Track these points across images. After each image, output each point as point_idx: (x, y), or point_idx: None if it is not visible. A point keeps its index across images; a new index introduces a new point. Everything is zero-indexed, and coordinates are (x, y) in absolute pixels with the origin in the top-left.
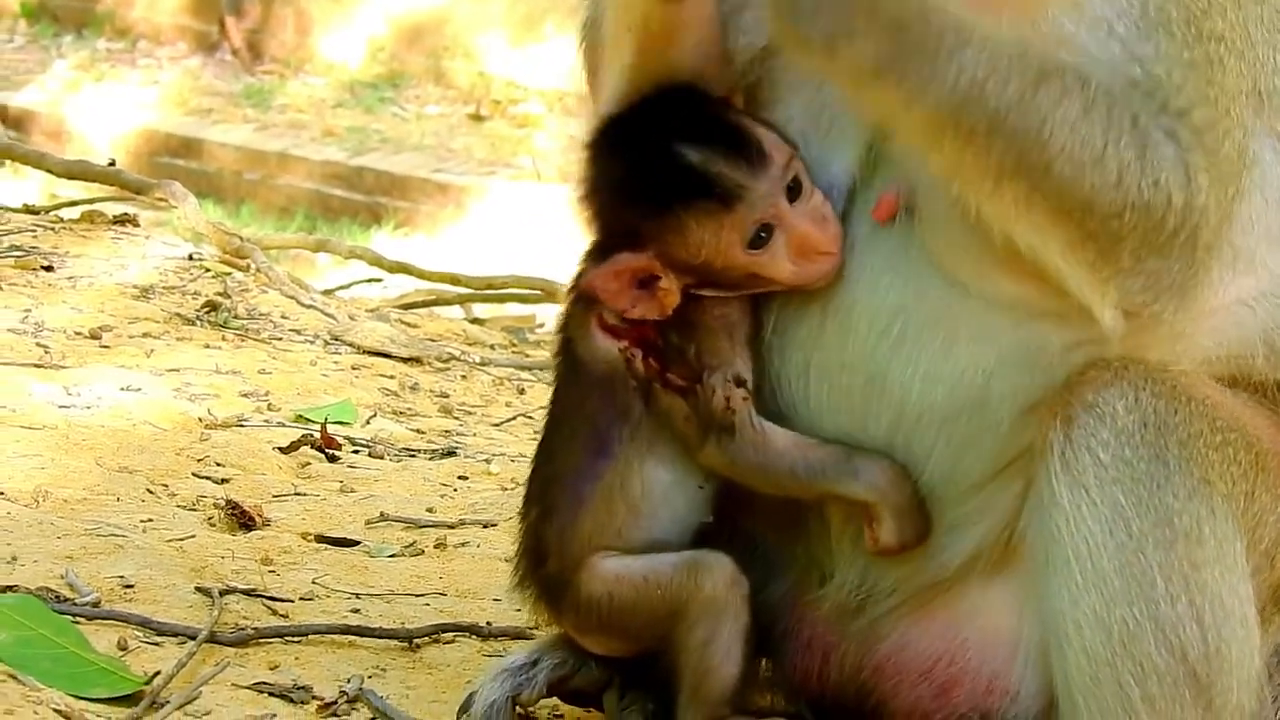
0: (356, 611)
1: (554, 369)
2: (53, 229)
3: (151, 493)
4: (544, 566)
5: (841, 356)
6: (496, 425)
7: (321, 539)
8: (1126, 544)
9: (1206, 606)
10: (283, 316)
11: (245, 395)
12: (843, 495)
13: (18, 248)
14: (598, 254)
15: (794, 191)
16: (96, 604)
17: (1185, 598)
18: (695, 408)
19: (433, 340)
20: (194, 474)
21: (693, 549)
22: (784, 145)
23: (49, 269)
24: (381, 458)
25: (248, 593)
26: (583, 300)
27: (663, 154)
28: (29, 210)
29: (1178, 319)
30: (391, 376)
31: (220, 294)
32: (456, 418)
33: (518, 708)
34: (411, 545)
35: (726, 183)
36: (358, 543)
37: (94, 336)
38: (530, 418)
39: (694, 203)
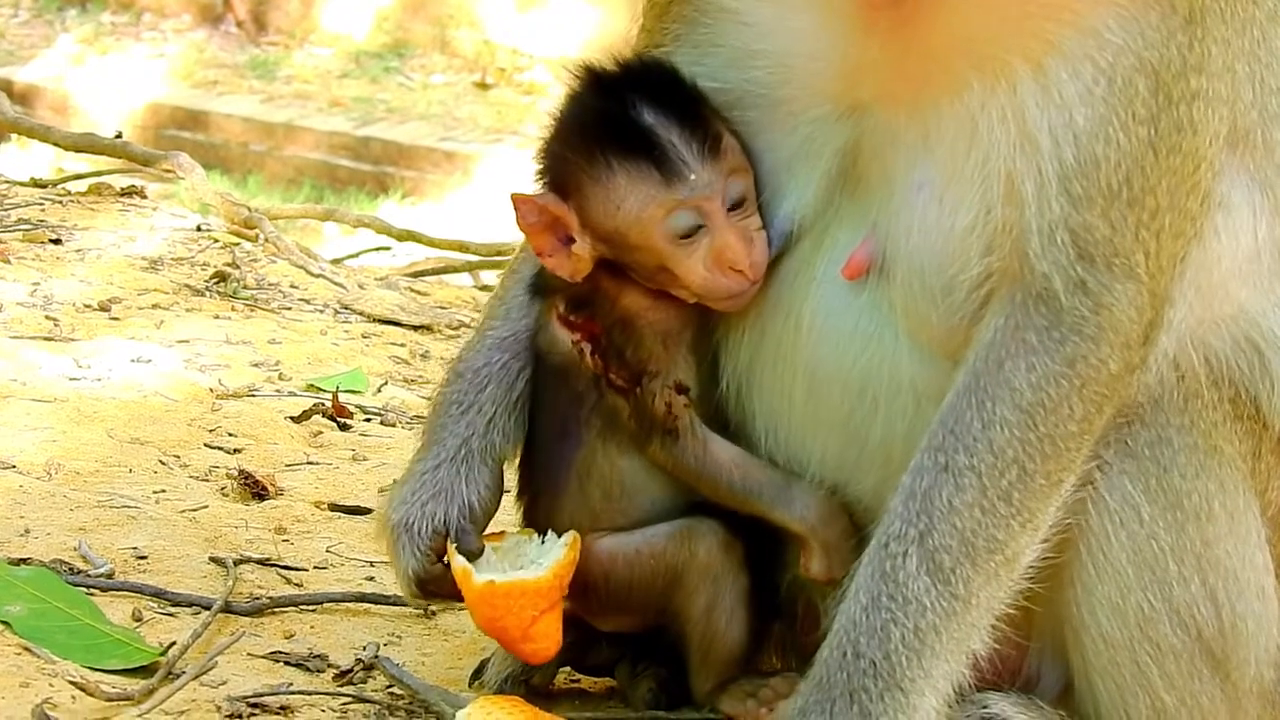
0: (371, 579)
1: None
2: (60, 202)
3: (164, 464)
4: None
5: (817, 415)
6: None
7: (335, 507)
8: (1137, 533)
9: (1220, 584)
10: (292, 286)
11: (256, 365)
12: (775, 521)
13: (25, 221)
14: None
15: (735, 205)
16: (110, 575)
17: (1198, 578)
18: (635, 409)
19: (443, 307)
20: (206, 444)
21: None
22: (742, 157)
23: (57, 242)
24: (393, 425)
25: (262, 562)
26: (541, 293)
27: (619, 106)
28: (36, 184)
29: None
30: (402, 344)
31: (229, 264)
32: None
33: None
34: None
35: (672, 154)
36: (371, 510)
37: (103, 309)
38: None
39: (632, 159)
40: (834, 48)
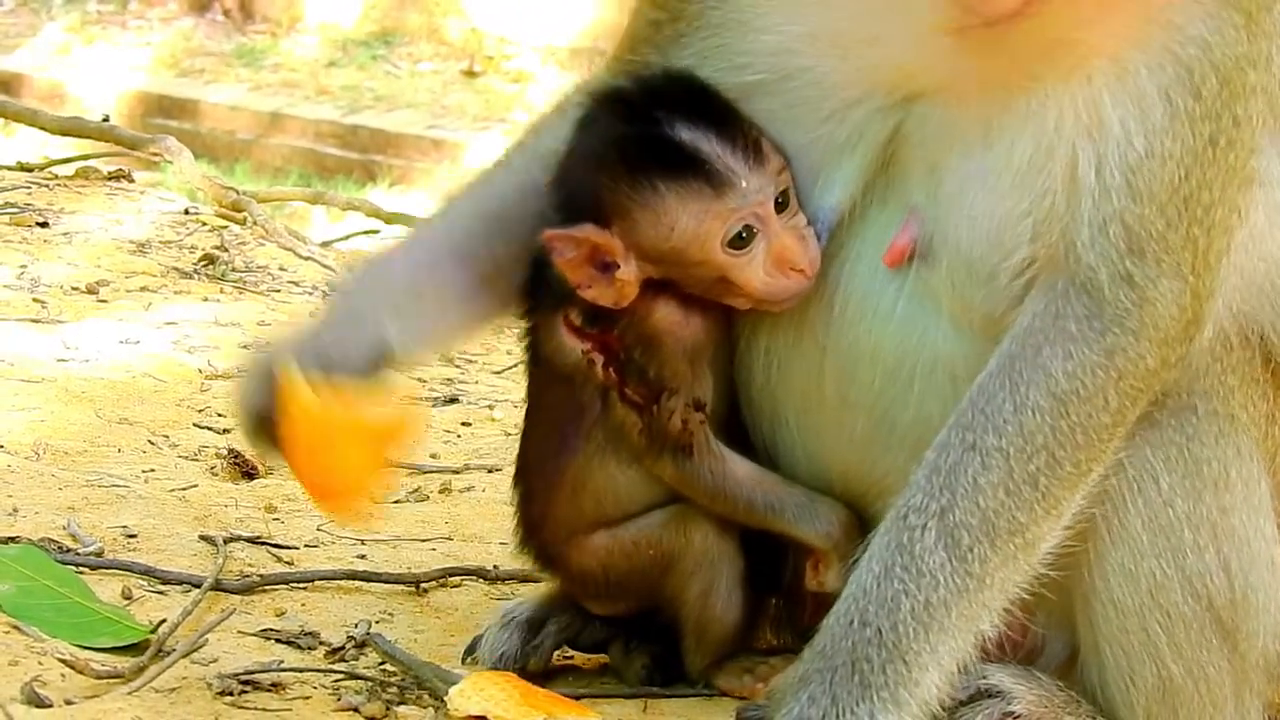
0: (362, 557)
1: (523, 358)
2: (47, 186)
3: (152, 443)
4: (535, 539)
5: (845, 397)
6: (498, 373)
7: None
8: (1154, 500)
9: (1233, 554)
10: (280, 268)
11: (245, 347)
12: (795, 536)
13: (13, 204)
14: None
15: (781, 204)
16: (100, 554)
17: (1213, 547)
18: (649, 425)
19: None
20: (195, 424)
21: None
22: (778, 154)
23: (44, 225)
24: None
25: (252, 540)
26: (551, 297)
27: (653, 127)
28: (23, 168)
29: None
30: None
31: (217, 247)
32: (458, 365)
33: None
34: (416, 490)
35: (719, 166)
36: None
37: (91, 291)
38: None
39: (681, 179)
40: (903, 37)
